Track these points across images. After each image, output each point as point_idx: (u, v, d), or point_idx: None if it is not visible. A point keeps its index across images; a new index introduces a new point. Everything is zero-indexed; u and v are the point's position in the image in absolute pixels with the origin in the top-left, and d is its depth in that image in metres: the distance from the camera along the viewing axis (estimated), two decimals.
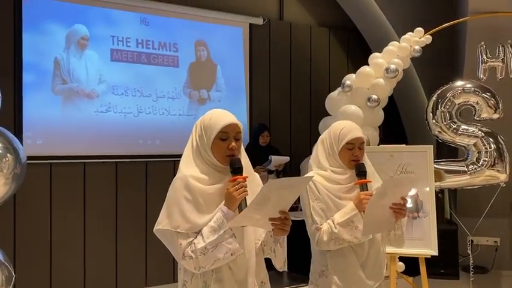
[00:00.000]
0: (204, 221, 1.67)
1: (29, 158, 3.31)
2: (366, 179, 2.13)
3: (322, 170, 2.20)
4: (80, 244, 4.55)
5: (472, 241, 5.52)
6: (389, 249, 2.42)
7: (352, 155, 2.15)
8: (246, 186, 1.67)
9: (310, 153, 5.82)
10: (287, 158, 5.13)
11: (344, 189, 2.16)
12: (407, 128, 6.20)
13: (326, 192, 2.13)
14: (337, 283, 2.13)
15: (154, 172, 4.97)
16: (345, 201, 2.14)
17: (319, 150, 2.25)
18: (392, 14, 5.42)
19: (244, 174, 1.70)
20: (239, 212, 1.65)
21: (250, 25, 5.58)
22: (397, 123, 6.15)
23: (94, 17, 4.69)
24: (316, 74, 6.14)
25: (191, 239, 1.66)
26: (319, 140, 2.29)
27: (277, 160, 4.99)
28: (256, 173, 1.86)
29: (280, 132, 5.71)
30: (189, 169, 1.73)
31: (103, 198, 4.70)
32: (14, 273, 2.80)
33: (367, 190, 2.11)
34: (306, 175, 2.20)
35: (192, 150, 1.76)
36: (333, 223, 2.09)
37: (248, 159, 1.81)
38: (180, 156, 5.38)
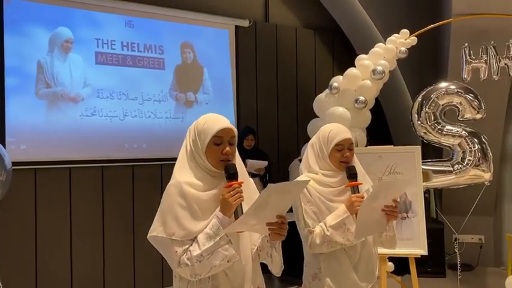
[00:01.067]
0: (200, 228, 1.65)
1: (12, 163, 3.25)
2: (356, 181, 2.14)
3: (312, 174, 2.20)
4: (66, 250, 4.48)
5: (457, 239, 5.62)
6: (381, 250, 2.44)
7: (342, 157, 2.16)
8: (241, 192, 1.65)
9: (298, 155, 5.90)
10: (264, 163, 5.10)
11: (335, 192, 2.17)
12: (393, 129, 6.27)
13: (318, 195, 2.14)
14: (330, 285, 2.14)
15: (141, 176, 4.92)
16: (337, 203, 2.15)
17: (309, 154, 2.26)
18: (377, 16, 5.48)
19: (239, 180, 1.69)
20: (235, 218, 1.64)
21: (236, 27, 5.58)
22: (383, 125, 6.21)
23: (78, 19, 4.62)
24: (302, 75, 6.17)
25: (186, 246, 1.64)
26: (308, 145, 2.29)
27: (253, 165, 4.95)
28: (250, 178, 1.85)
29: (267, 134, 5.72)
30: (183, 175, 1.70)
31: (89, 203, 4.63)
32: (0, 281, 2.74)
33: (358, 192, 2.12)
34: (299, 179, 2.20)
35: (186, 155, 1.74)
36: (325, 226, 2.10)
37: (243, 164, 1.80)
38: (167, 159, 5.34)
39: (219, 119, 1.74)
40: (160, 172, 5.01)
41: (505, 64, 4.04)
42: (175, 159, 1.79)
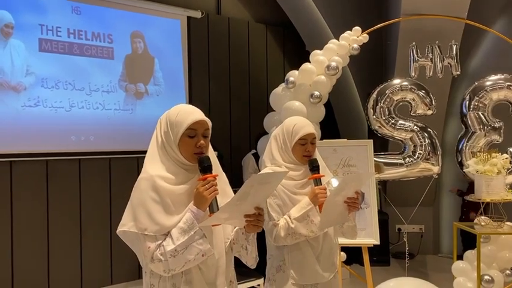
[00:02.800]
0: (173, 223, 1.60)
1: None
2: (319, 173, 2.18)
3: (276, 166, 2.21)
4: (6, 249, 4.20)
5: (400, 229, 5.91)
6: (340, 241, 2.50)
7: (304, 151, 2.18)
8: (216, 185, 1.62)
9: (251, 149, 5.89)
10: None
11: (299, 184, 2.19)
12: (340, 124, 6.45)
13: (282, 188, 2.15)
14: (294, 277, 2.17)
15: (88, 170, 4.71)
16: (300, 196, 2.17)
17: (272, 146, 2.26)
18: (327, 13, 5.59)
19: (213, 173, 1.65)
20: (209, 212, 1.61)
21: (188, 18, 5.47)
22: (331, 119, 6.37)
23: (19, 3, 4.32)
24: (254, 69, 6.18)
25: (160, 241, 1.59)
26: (271, 136, 2.30)
27: None
28: (223, 173, 1.82)
29: (220, 127, 5.68)
30: (154, 168, 1.64)
31: (32, 199, 4.37)
32: None
33: (321, 184, 2.16)
34: (264, 170, 2.20)
35: (157, 147, 1.67)
36: (290, 218, 2.12)
37: (216, 157, 1.77)
38: (116, 153, 5.18)
39: (193, 111, 1.68)
40: (109, 166, 4.82)
41: (448, 63, 4.28)
42: (125, 152, 1.72)
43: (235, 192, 1.60)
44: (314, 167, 2.17)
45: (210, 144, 1.74)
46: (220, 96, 5.83)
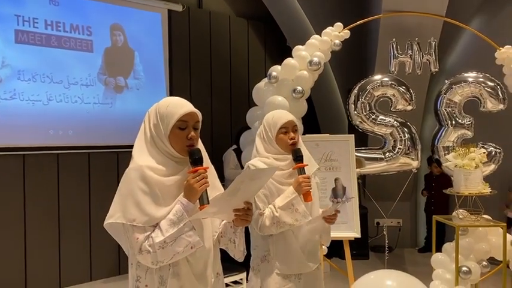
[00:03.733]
0: (162, 214, 1.59)
1: None
2: (302, 163, 2.20)
3: (264, 158, 2.23)
4: None
5: (378, 223, 6.01)
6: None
7: (289, 138, 2.21)
8: (207, 178, 1.61)
9: (232, 144, 5.87)
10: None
11: (286, 174, 2.22)
12: (321, 118, 6.49)
13: (270, 178, 2.17)
14: (279, 267, 2.19)
15: (67, 164, 4.63)
16: (286, 186, 2.20)
17: (257, 143, 2.30)
18: (308, 8, 5.61)
19: (204, 166, 1.65)
20: (200, 204, 1.61)
21: (169, 11, 5.41)
22: (311, 114, 6.41)
23: None
24: (235, 63, 6.16)
25: (148, 232, 1.57)
26: (256, 136, 2.33)
27: None
28: (212, 165, 1.81)
29: (201, 122, 5.64)
30: (143, 159, 1.62)
31: (9, 195, 4.27)
32: None
33: (305, 173, 2.18)
34: (251, 163, 2.21)
35: (146, 140, 1.66)
36: (274, 207, 2.15)
37: (205, 150, 1.76)
38: (95, 147, 5.11)
39: (183, 103, 1.67)
40: (88, 161, 4.75)
41: (427, 60, 4.35)
42: (104, 147, 1.71)
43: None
44: (298, 157, 2.21)
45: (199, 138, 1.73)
46: (201, 91, 5.79)
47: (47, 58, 4.51)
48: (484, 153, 3.04)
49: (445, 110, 4.13)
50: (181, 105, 1.65)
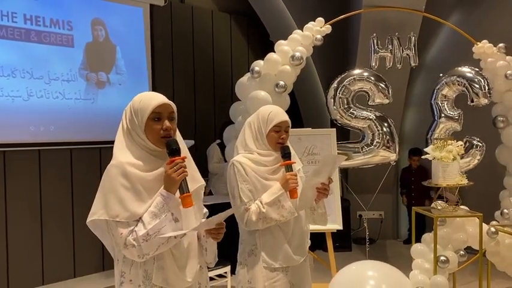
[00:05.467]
0: (144, 209, 1.61)
1: None
2: (290, 160, 2.23)
3: (248, 153, 2.25)
4: None
5: (361, 215, 6.10)
6: (311, 227, 2.57)
7: (279, 138, 2.24)
8: (185, 167, 1.64)
9: (215, 139, 5.87)
10: (191, 142, 5.02)
11: (270, 170, 2.24)
12: (303, 112, 6.55)
13: (254, 174, 2.19)
14: (266, 260, 2.22)
15: (48, 161, 4.58)
16: (271, 182, 2.22)
17: (246, 133, 2.30)
18: (291, 3, 5.64)
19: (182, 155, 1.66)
20: (180, 194, 1.63)
21: (151, 6, 5.38)
22: (294, 108, 6.45)
23: None
24: (218, 59, 6.16)
25: (132, 227, 1.60)
26: (246, 124, 2.33)
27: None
28: (191, 157, 1.83)
29: (184, 117, 5.61)
30: (124, 155, 1.65)
31: None
32: None
33: (292, 170, 2.22)
34: (236, 158, 2.23)
35: (124, 136, 1.68)
36: (261, 203, 2.17)
37: (183, 141, 1.78)
38: (77, 143, 5.06)
39: (155, 95, 1.70)
40: (70, 157, 4.71)
41: (407, 54, 4.43)
42: (87, 143, 1.73)
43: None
44: (286, 154, 2.23)
45: (177, 130, 1.75)
46: (184, 86, 5.79)
47: (27, 53, 4.45)
48: (461, 145, 3.12)
49: (438, 103, 4.22)
50: (153, 98, 1.68)
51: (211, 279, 3.76)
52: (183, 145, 1.73)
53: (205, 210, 1.90)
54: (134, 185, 1.60)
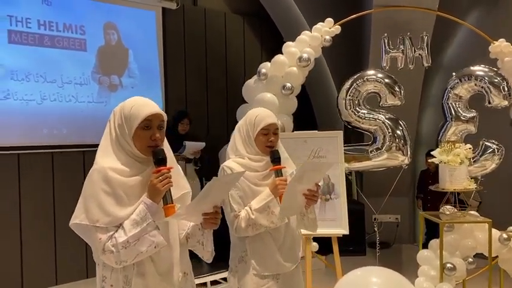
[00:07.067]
0: (125, 214, 1.60)
1: None
2: (280, 165, 2.19)
3: (239, 158, 2.22)
4: None
5: (376, 219, 5.98)
6: (305, 231, 2.52)
7: (267, 141, 2.19)
8: (170, 178, 1.63)
9: (228, 141, 5.87)
10: (202, 144, 4.99)
11: (261, 176, 2.20)
12: (317, 115, 6.48)
13: (244, 180, 2.15)
14: (256, 267, 2.18)
15: (61, 163, 4.68)
16: (262, 187, 2.18)
17: (236, 138, 2.27)
18: (303, 4, 5.58)
19: (168, 166, 1.65)
20: (163, 204, 1.62)
21: (163, 9, 5.42)
22: (308, 110, 6.39)
23: None
24: (231, 61, 6.15)
25: (111, 232, 1.59)
26: (236, 128, 2.31)
27: (192, 146, 4.83)
28: (178, 165, 1.82)
29: (197, 119, 5.65)
30: (107, 160, 1.64)
31: (4, 193, 4.33)
32: None
33: (282, 175, 2.17)
34: (225, 164, 2.21)
35: (111, 140, 1.67)
36: (250, 209, 2.13)
37: (171, 150, 1.77)
38: (89, 146, 5.11)
39: (148, 103, 1.68)
40: (83, 159, 4.79)
41: (419, 54, 4.30)
42: (98, 145, 1.71)
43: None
44: (275, 159, 2.18)
45: (165, 138, 1.74)
46: (196, 88, 5.80)
47: (41, 58, 4.55)
48: (470, 149, 3.00)
49: (451, 104, 4.08)
50: (145, 106, 1.66)
51: (216, 282, 3.74)
52: (170, 153, 1.72)
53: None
54: (115, 190, 1.60)
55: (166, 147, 1.72)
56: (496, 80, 3.96)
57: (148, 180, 1.63)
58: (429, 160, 3.31)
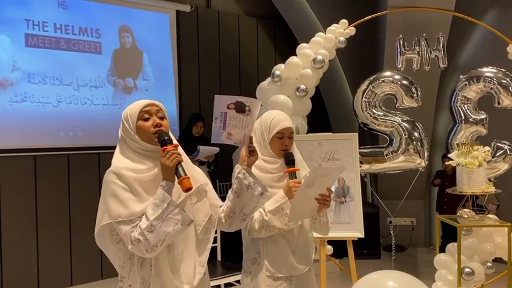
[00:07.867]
0: (145, 206, 1.62)
1: None
2: (294, 167, 2.18)
3: None
4: None
5: (391, 222, 5.91)
6: (317, 235, 2.50)
7: (282, 145, 2.18)
8: (179, 154, 1.64)
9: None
10: (216, 149, 5.00)
11: (275, 178, 2.19)
12: (332, 117, 6.44)
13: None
14: (269, 269, 2.17)
15: (77, 165, 4.72)
16: (276, 189, 2.17)
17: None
18: (317, 5, 5.56)
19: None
20: (177, 178, 1.62)
21: (177, 12, 5.45)
22: (323, 113, 6.36)
23: None
24: (244, 63, 6.15)
25: (135, 223, 1.60)
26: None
27: (205, 151, 4.84)
28: (183, 151, 1.81)
29: (211, 122, 5.64)
30: (120, 162, 1.68)
31: (21, 194, 4.38)
32: None
33: (296, 178, 2.16)
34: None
35: (121, 144, 1.73)
36: (264, 211, 2.12)
37: (185, 153, 1.77)
38: (104, 148, 5.17)
39: (142, 101, 1.74)
40: (98, 161, 4.83)
41: (435, 56, 4.25)
42: (114, 147, 1.75)
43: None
44: (289, 161, 2.17)
45: (171, 133, 1.75)
46: (210, 91, 5.76)
47: (57, 61, 4.61)
48: (488, 151, 2.95)
49: (459, 106, 4.02)
50: (140, 102, 1.73)
51: (230, 285, 3.73)
52: (185, 157, 1.74)
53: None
54: (132, 186, 1.63)
55: (173, 137, 1.74)
56: (505, 81, 3.91)
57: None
58: (446, 162, 3.26)
